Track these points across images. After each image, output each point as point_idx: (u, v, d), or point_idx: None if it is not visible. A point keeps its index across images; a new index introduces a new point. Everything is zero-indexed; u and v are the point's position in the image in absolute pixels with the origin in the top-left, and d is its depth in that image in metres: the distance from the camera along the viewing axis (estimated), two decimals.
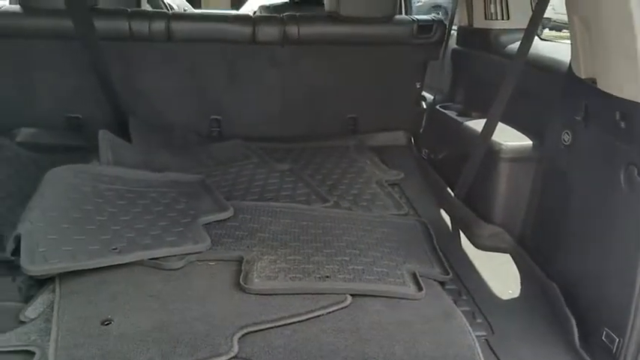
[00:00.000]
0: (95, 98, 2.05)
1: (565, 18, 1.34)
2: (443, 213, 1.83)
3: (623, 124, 1.14)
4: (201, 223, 1.50)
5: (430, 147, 2.18)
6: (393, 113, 2.33)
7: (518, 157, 1.58)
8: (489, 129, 1.63)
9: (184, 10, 4.03)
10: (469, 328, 1.20)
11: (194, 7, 4.97)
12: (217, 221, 1.55)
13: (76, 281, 1.27)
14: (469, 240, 1.66)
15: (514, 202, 1.58)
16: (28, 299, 1.28)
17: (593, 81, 1.27)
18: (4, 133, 2.04)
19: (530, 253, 1.51)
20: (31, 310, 1.22)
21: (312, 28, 2.20)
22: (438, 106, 2.13)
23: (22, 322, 1.20)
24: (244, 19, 2.29)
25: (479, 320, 1.31)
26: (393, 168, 2.10)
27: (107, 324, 1.13)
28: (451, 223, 1.76)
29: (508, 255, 1.58)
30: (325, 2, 2.23)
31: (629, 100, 1.11)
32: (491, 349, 1.22)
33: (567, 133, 1.38)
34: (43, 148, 2.01)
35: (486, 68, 1.99)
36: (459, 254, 1.60)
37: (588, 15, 1.26)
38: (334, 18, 2.17)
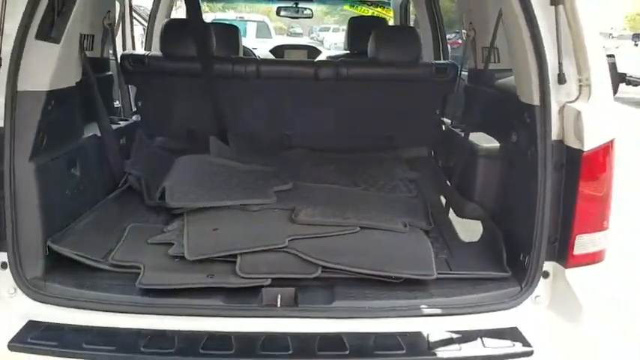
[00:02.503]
0: (208, 117, 2.96)
1: None
2: (442, 198, 2.54)
3: (528, 121, 1.82)
4: (271, 188, 2.33)
5: (443, 157, 2.90)
6: (419, 133, 3.07)
7: (490, 154, 2.26)
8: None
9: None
10: (431, 247, 1.90)
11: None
12: (282, 190, 2.36)
13: (196, 213, 2.12)
14: (455, 212, 2.35)
15: (487, 186, 2.26)
16: (167, 224, 2.15)
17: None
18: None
19: (493, 219, 2.17)
20: (170, 227, 2.08)
21: (358, 69, 3.03)
22: (450, 127, 2.86)
23: (164, 232, 2.06)
24: (309, 63, 3.18)
25: (445, 251, 2.00)
26: (414, 171, 2.83)
27: (215, 230, 1.96)
28: (445, 202, 2.46)
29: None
30: (369, 51, 3.06)
31: (529, 104, 1.81)
32: (446, 262, 1.91)
33: (514, 134, 2.06)
34: (172, 150, 2.91)
35: (485, 98, 2.70)
36: (446, 220, 2.30)
37: (510, 48, 1.97)
38: (375, 62, 2.99)
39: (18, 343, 1.56)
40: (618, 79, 15.13)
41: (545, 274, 1.75)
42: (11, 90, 1.67)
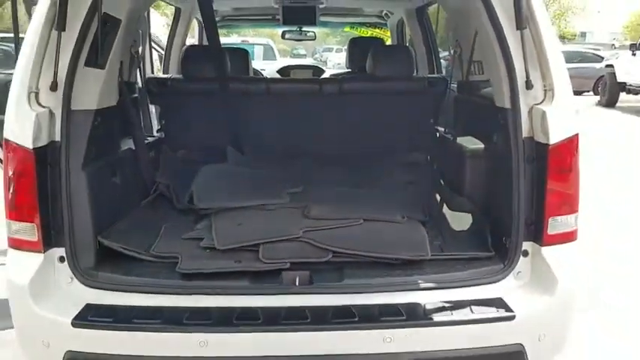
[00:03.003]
0: (224, 131, 3.28)
1: None
2: (437, 195, 2.84)
3: (502, 122, 2.13)
4: (284, 191, 2.64)
5: (437, 160, 3.21)
6: (416, 140, 3.38)
7: (476, 154, 2.56)
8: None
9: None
10: (426, 234, 2.20)
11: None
12: (294, 192, 2.67)
13: (221, 212, 2.43)
14: (447, 206, 2.64)
15: (474, 182, 2.55)
16: (196, 223, 2.46)
17: None
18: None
19: (480, 209, 2.46)
20: (199, 225, 2.39)
21: (358, 84, 3.36)
22: (444, 134, 3.17)
23: (195, 229, 2.37)
24: (314, 80, 3.52)
25: (439, 238, 2.30)
26: (411, 173, 3.13)
27: (240, 224, 2.27)
28: (439, 198, 2.76)
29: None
30: (367, 68, 3.39)
31: (502, 107, 2.12)
32: (440, 247, 2.20)
33: (494, 135, 2.36)
34: (193, 161, 3.22)
35: (471, 106, 3.01)
36: (440, 213, 2.60)
37: (485, 61, 2.29)
38: (373, 77, 3.32)
39: (79, 321, 1.87)
40: (618, 88, 15.45)
41: (525, 253, 2.04)
42: (66, 109, 1.99)
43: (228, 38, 11.98)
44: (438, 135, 3.31)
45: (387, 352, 1.83)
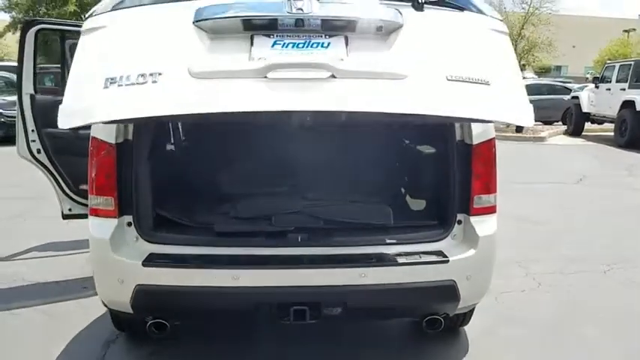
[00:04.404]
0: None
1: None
2: (402, 189, 3.73)
3: (444, 133, 3.03)
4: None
5: (402, 162, 4.10)
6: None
7: (428, 156, 3.43)
8: None
9: None
10: (390, 211, 3.07)
11: None
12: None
13: (245, 197, 3.28)
14: (410, 196, 3.53)
15: (427, 176, 3.40)
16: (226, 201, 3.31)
17: None
18: None
19: (430, 194, 3.33)
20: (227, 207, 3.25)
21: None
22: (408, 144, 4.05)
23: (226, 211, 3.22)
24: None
25: (400, 215, 3.16)
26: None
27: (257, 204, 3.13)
28: (404, 191, 3.65)
29: None
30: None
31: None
32: (400, 220, 3.07)
33: (439, 142, 3.25)
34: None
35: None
36: (404, 200, 3.48)
37: None
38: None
39: (147, 262, 2.68)
40: (583, 118, 16.70)
41: (459, 222, 2.91)
42: None
43: None
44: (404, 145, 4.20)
45: (362, 283, 2.67)
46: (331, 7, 2.23)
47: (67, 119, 2.13)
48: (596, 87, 15.82)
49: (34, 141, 4.29)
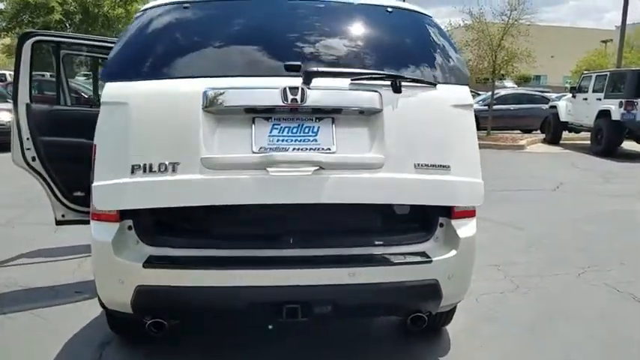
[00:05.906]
0: None
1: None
2: None
3: None
4: None
5: None
6: None
7: None
8: None
9: None
10: (377, 216, 3.25)
11: None
12: None
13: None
14: None
15: None
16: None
17: None
18: None
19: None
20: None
21: None
22: None
23: None
24: None
25: (388, 220, 3.35)
26: None
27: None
28: None
29: None
30: None
31: None
32: (387, 224, 3.25)
33: None
34: None
35: None
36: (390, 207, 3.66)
37: None
38: None
39: (147, 263, 2.82)
40: (561, 127, 17.15)
41: (441, 225, 3.09)
42: None
43: None
44: None
45: (352, 282, 2.83)
46: (321, 95, 2.66)
47: (102, 202, 2.76)
48: (574, 97, 16.27)
49: (29, 149, 4.39)
